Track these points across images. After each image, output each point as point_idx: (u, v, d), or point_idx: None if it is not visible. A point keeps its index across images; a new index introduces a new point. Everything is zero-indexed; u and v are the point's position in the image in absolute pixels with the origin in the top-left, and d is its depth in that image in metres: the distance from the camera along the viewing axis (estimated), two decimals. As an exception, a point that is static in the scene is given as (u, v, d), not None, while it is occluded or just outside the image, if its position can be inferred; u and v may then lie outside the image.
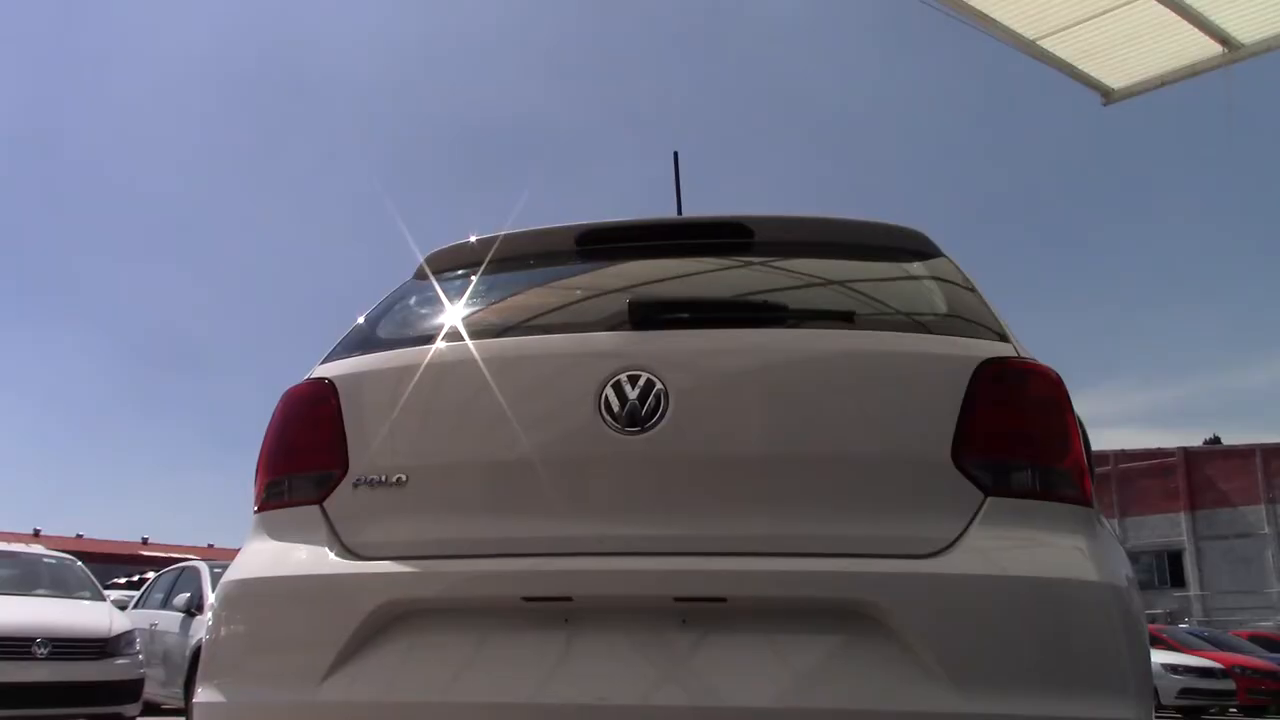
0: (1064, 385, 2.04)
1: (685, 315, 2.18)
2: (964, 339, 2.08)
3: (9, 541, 11.77)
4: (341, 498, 2.10)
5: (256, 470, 2.26)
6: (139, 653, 8.80)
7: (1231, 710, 18.07)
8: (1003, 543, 1.86)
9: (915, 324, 2.20)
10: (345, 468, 2.11)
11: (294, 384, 2.29)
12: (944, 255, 2.47)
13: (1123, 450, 45.23)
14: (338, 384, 2.20)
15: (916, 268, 2.41)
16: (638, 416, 1.96)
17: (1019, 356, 2.05)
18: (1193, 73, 9.12)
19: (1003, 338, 2.10)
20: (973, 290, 2.32)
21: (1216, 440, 46.26)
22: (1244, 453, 43.28)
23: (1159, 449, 45.40)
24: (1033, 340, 2.18)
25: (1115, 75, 9.34)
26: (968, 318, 2.18)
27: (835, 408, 1.99)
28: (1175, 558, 43.90)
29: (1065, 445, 1.98)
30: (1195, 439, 46.55)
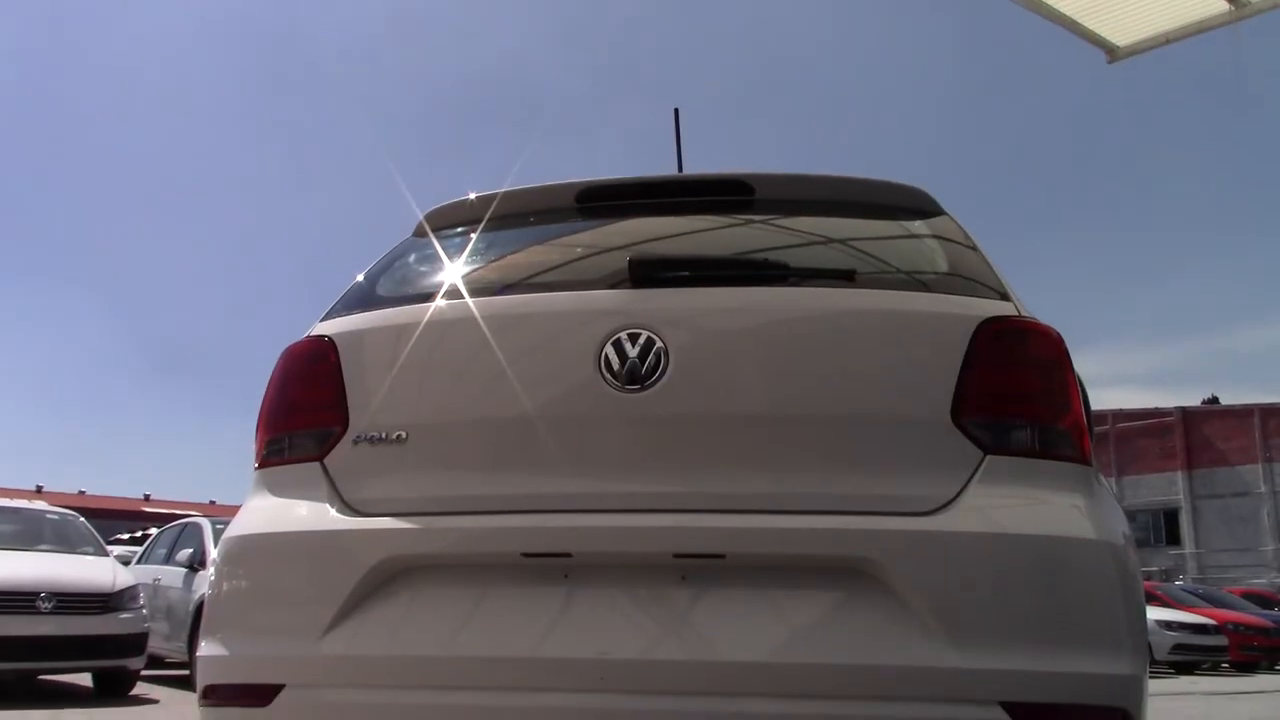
0: (1064, 344, 2.04)
1: (685, 273, 2.17)
2: (965, 298, 2.07)
3: (12, 498, 11.82)
4: (342, 455, 2.11)
5: (257, 427, 2.27)
6: (143, 607, 8.88)
7: (1223, 666, 18.28)
8: (1001, 501, 1.88)
9: (916, 283, 2.20)
10: (345, 425, 2.12)
11: (294, 341, 2.29)
12: (946, 214, 2.46)
13: (1121, 410, 45.36)
14: (337, 341, 2.20)
15: (918, 226, 2.40)
16: (638, 375, 1.96)
17: (1020, 316, 2.05)
18: (1199, 30, 9.00)
19: (1004, 297, 2.10)
20: (974, 249, 2.31)
21: (1215, 400, 46.38)
22: (1242, 412, 43.42)
23: (1157, 409, 45.54)
24: (1033, 300, 2.18)
25: (1120, 32, 9.22)
26: (969, 276, 2.17)
27: (835, 366, 1.99)
28: (1171, 516, 44.20)
29: (1065, 405, 1.99)
30: (1194, 399, 46.70)
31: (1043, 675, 1.74)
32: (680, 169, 2.99)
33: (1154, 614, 15.68)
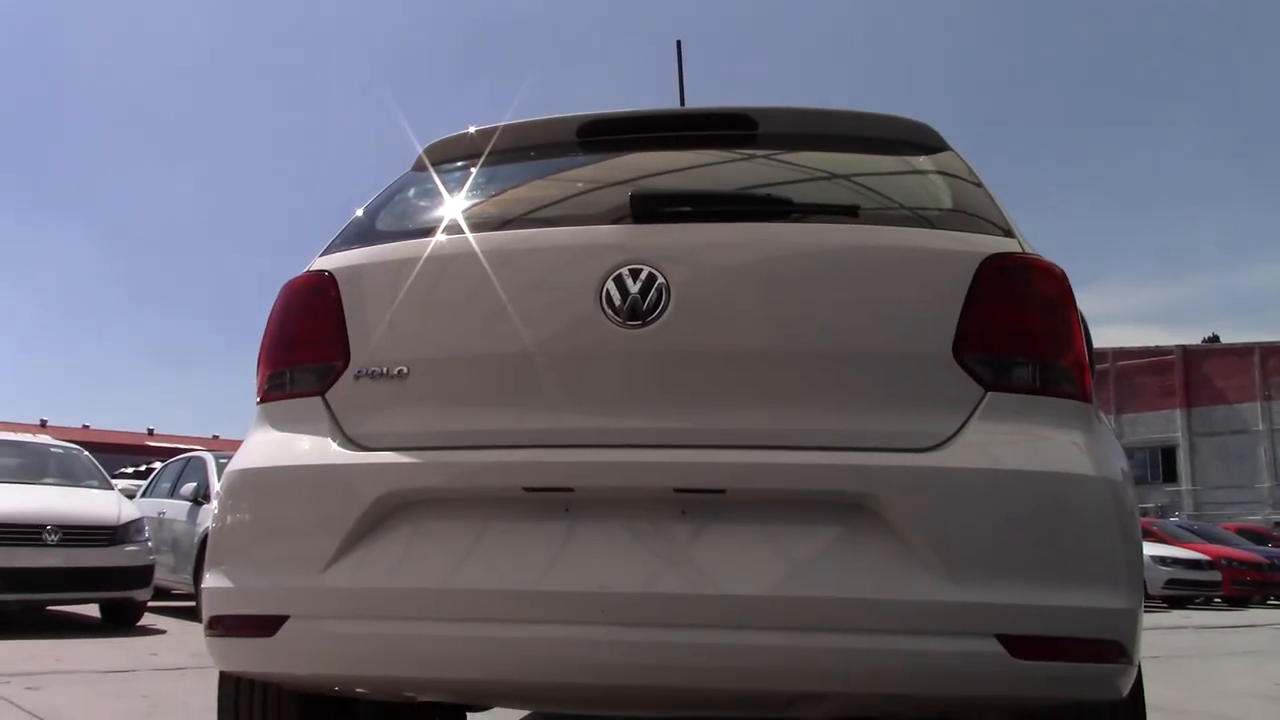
0: (1068, 281, 2.03)
1: (687, 208, 2.16)
2: (969, 234, 2.06)
3: (16, 432, 11.88)
4: (343, 389, 2.11)
5: (258, 362, 2.27)
6: (148, 540, 8.96)
7: (1216, 600, 18.52)
8: (1001, 437, 1.88)
9: (920, 219, 2.18)
10: (346, 359, 2.12)
11: (294, 276, 2.29)
12: (950, 149, 2.44)
13: (1121, 348, 45.41)
14: (337, 276, 2.19)
15: (922, 162, 2.38)
16: (639, 310, 1.96)
17: (1024, 252, 2.03)
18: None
19: (1008, 233, 2.09)
20: (979, 185, 2.29)
21: (1215, 339, 46.39)
22: (1242, 351, 43.47)
23: (1157, 347, 45.60)
24: (1035, 237, 2.17)
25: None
26: (973, 213, 2.16)
27: (837, 302, 1.99)
28: (1169, 453, 44.48)
29: (1067, 341, 1.98)
30: (1195, 337, 46.72)
31: (1039, 609, 1.76)
32: (682, 103, 2.96)
33: (1149, 549, 15.84)
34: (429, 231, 2.20)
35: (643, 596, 1.82)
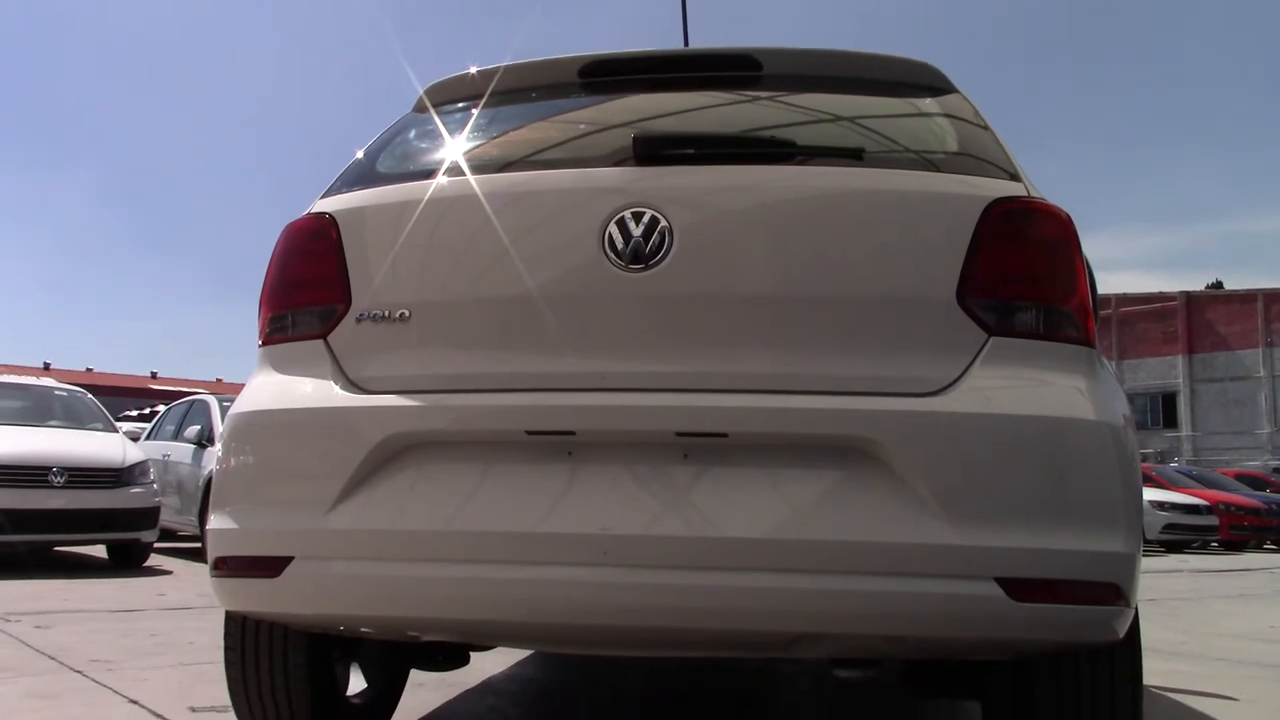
0: (1073, 225, 2.02)
1: (690, 151, 2.14)
2: (974, 178, 2.04)
3: (19, 374, 11.91)
4: (345, 332, 2.11)
5: (260, 305, 2.27)
6: (153, 482, 9.03)
7: (1213, 545, 18.68)
8: (1003, 382, 1.88)
9: (925, 162, 2.16)
10: (348, 302, 2.11)
11: (294, 218, 2.27)
12: (957, 91, 2.41)
13: (1124, 294, 45.30)
14: (338, 218, 2.18)
15: (928, 104, 2.36)
16: (641, 254, 1.95)
17: (1029, 196, 2.02)
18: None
19: (1014, 177, 2.07)
20: (985, 128, 2.27)
21: (1219, 285, 46.26)
22: (1245, 297, 43.37)
23: (1160, 293, 45.50)
24: (1038, 181, 2.15)
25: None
26: (979, 156, 2.14)
27: (841, 246, 1.97)
28: (1169, 399, 44.58)
29: (1071, 286, 1.97)
30: (1198, 283, 46.60)
31: (1038, 552, 1.77)
32: (686, 44, 2.92)
33: (1147, 494, 15.94)
34: (430, 173, 2.18)
35: (644, 539, 1.83)
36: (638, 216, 1.97)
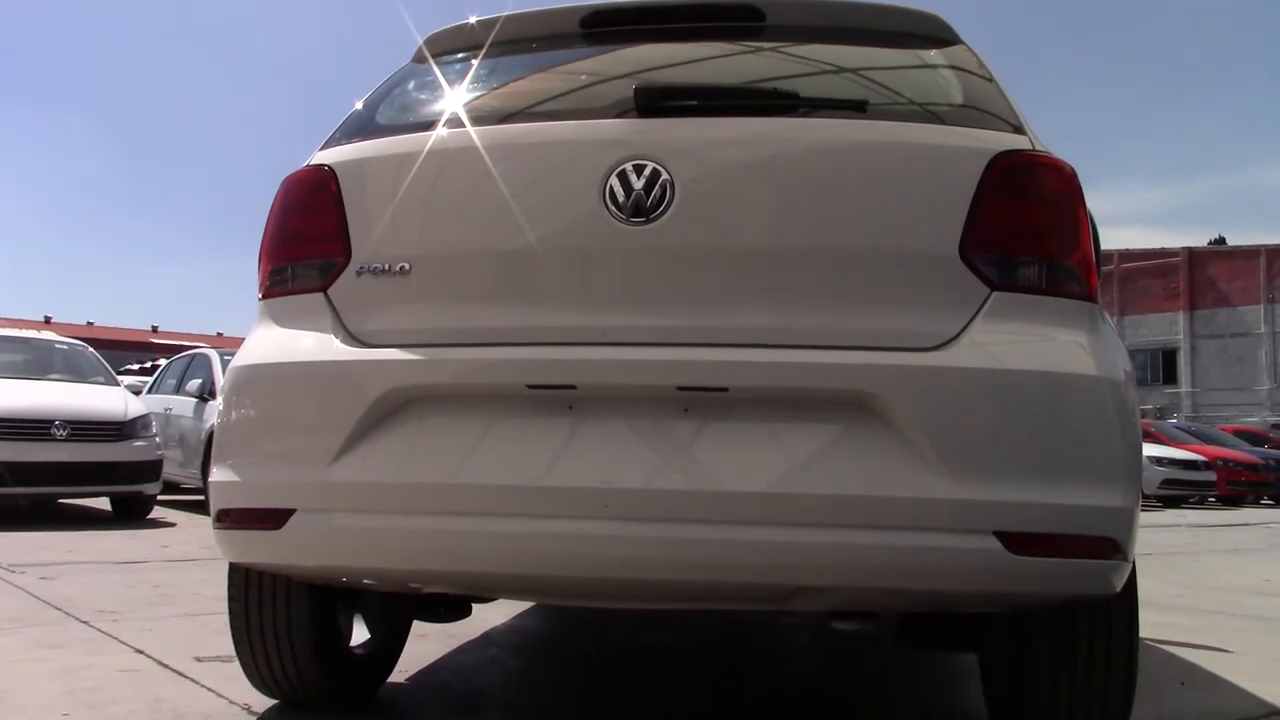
0: (1077, 179, 2.00)
1: (693, 102, 2.12)
2: (979, 130, 2.03)
3: (20, 328, 11.90)
4: (345, 285, 2.10)
5: (259, 258, 2.26)
6: (155, 435, 9.06)
7: (1211, 500, 18.78)
8: (1005, 337, 1.88)
9: (929, 114, 2.14)
10: (348, 255, 2.11)
11: (294, 170, 2.26)
12: (962, 43, 2.38)
13: (1127, 250, 45.16)
14: (337, 170, 2.16)
15: (933, 56, 2.33)
16: (643, 207, 1.94)
17: (1033, 149, 2.00)
18: None
19: (1018, 130, 2.05)
20: (990, 80, 2.24)
21: (1222, 241, 46.10)
22: (1248, 253, 43.24)
23: (1163, 249, 45.37)
24: (1041, 134, 2.13)
25: None
26: (983, 109, 2.12)
27: (844, 199, 1.96)
28: (1170, 356, 44.61)
29: (1075, 241, 1.96)
30: (1201, 239, 46.43)
31: (1037, 506, 1.78)
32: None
33: (1146, 450, 15.96)
34: (430, 125, 2.16)
35: (645, 492, 1.84)
36: (639, 169, 1.95)
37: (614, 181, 1.96)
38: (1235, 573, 6.91)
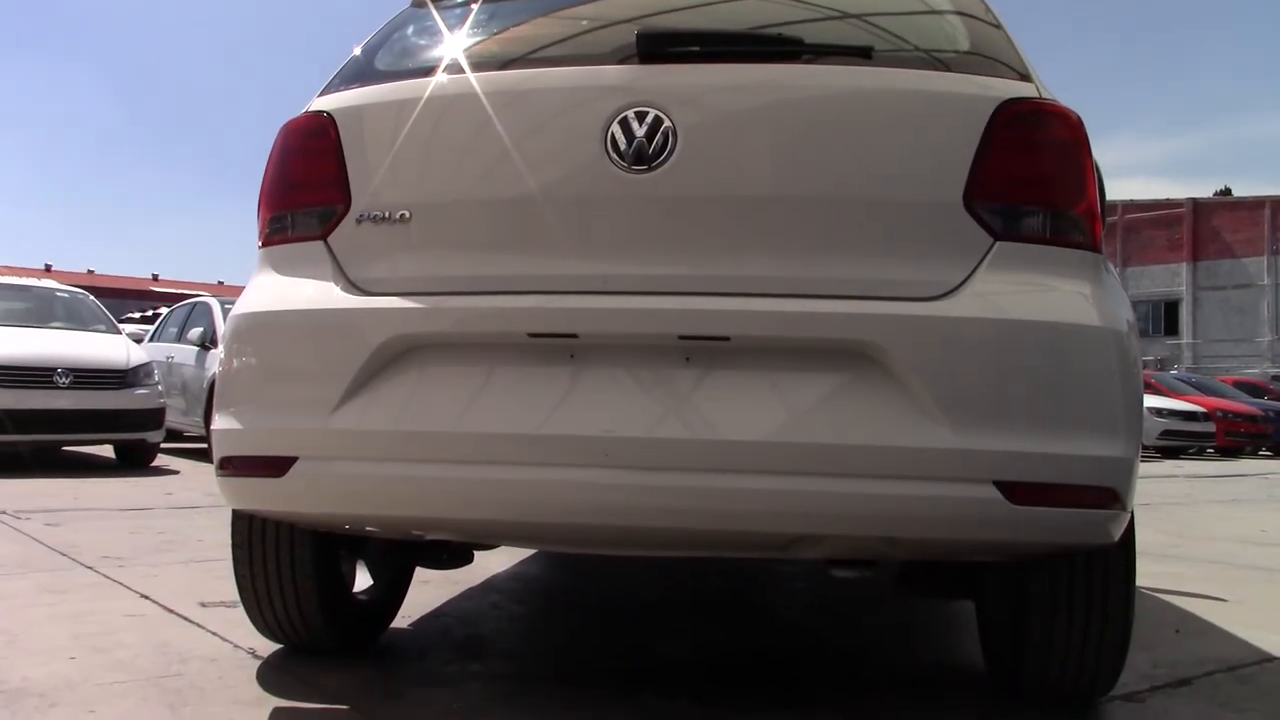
0: (1084, 128, 1.98)
1: (695, 48, 2.09)
2: (985, 78, 2.00)
3: (20, 276, 11.87)
4: (345, 233, 2.09)
5: (259, 205, 2.25)
6: (158, 383, 9.08)
7: (1209, 451, 18.86)
8: (1008, 287, 1.87)
9: (935, 61, 2.12)
10: (347, 203, 2.09)
11: (292, 116, 2.24)
12: None
13: (1131, 200, 44.89)
14: (336, 116, 2.14)
15: (940, 1, 2.30)
16: (645, 155, 1.92)
17: (1040, 97, 1.98)
18: None
19: (1024, 77, 2.03)
20: (997, 27, 2.21)
21: (1227, 192, 45.81)
22: (1253, 204, 43.00)
23: (1168, 200, 45.11)
24: (1051, 82, 2.10)
25: None
26: (990, 55, 2.09)
27: (847, 147, 1.95)
28: (1172, 307, 44.54)
29: (1080, 190, 1.95)
30: (1207, 190, 46.13)
31: (1037, 456, 1.79)
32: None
33: (1146, 401, 16.03)
34: (429, 71, 2.14)
35: (646, 441, 1.84)
36: (641, 116, 1.94)
37: (615, 129, 1.94)
38: (1232, 523, 6.95)
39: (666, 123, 1.93)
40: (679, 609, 3.64)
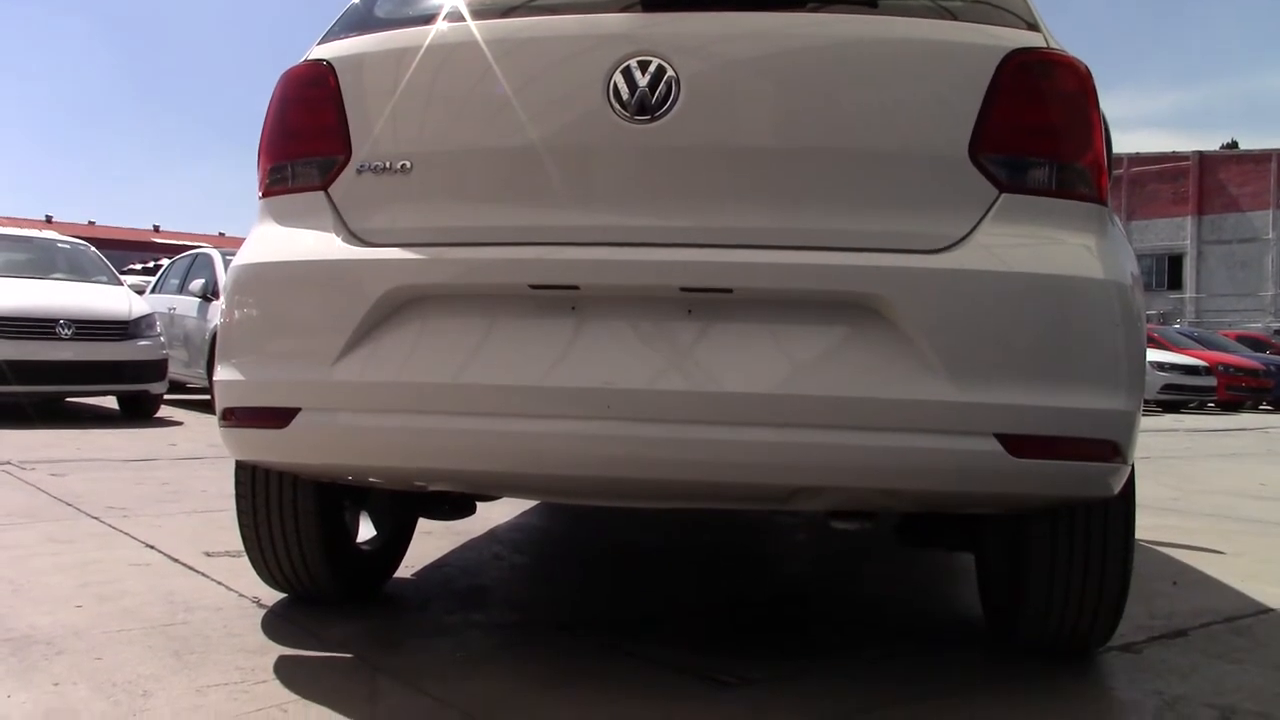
0: (1092, 79, 1.96)
1: None
2: (992, 27, 1.97)
3: (21, 227, 11.82)
4: (345, 184, 2.08)
5: (259, 155, 2.23)
6: (160, 335, 9.08)
7: (1210, 405, 18.89)
8: (1012, 239, 1.86)
9: (942, 10, 2.08)
10: (348, 153, 2.08)
11: (291, 65, 2.21)
12: None
13: (1137, 153, 44.55)
14: (336, 65, 2.12)
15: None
16: (647, 105, 1.90)
17: (1048, 47, 1.95)
18: None
19: (1032, 27, 2.00)
20: None
21: (1234, 145, 45.43)
22: (1259, 158, 42.66)
23: (1174, 152, 44.76)
24: (1058, 32, 2.07)
25: None
26: (997, 4, 2.06)
27: (852, 98, 1.92)
28: (1175, 261, 44.37)
29: (1087, 142, 1.93)
30: (1213, 143, 45.77)
31: (1039, 409, 1.79)
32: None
33: (1148, 355, 16.03)
34: (430, 19, 2.11)
35: (647, 393, 1.84)
36: (644, 65, 1.91)
37: (618, 78, 1.92)
38: (1231, 476, 6.98)
39: (670, 72, 1.90)
40: (680, 560, 3.67)
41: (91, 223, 51.84)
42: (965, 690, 2.16)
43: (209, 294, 9.79)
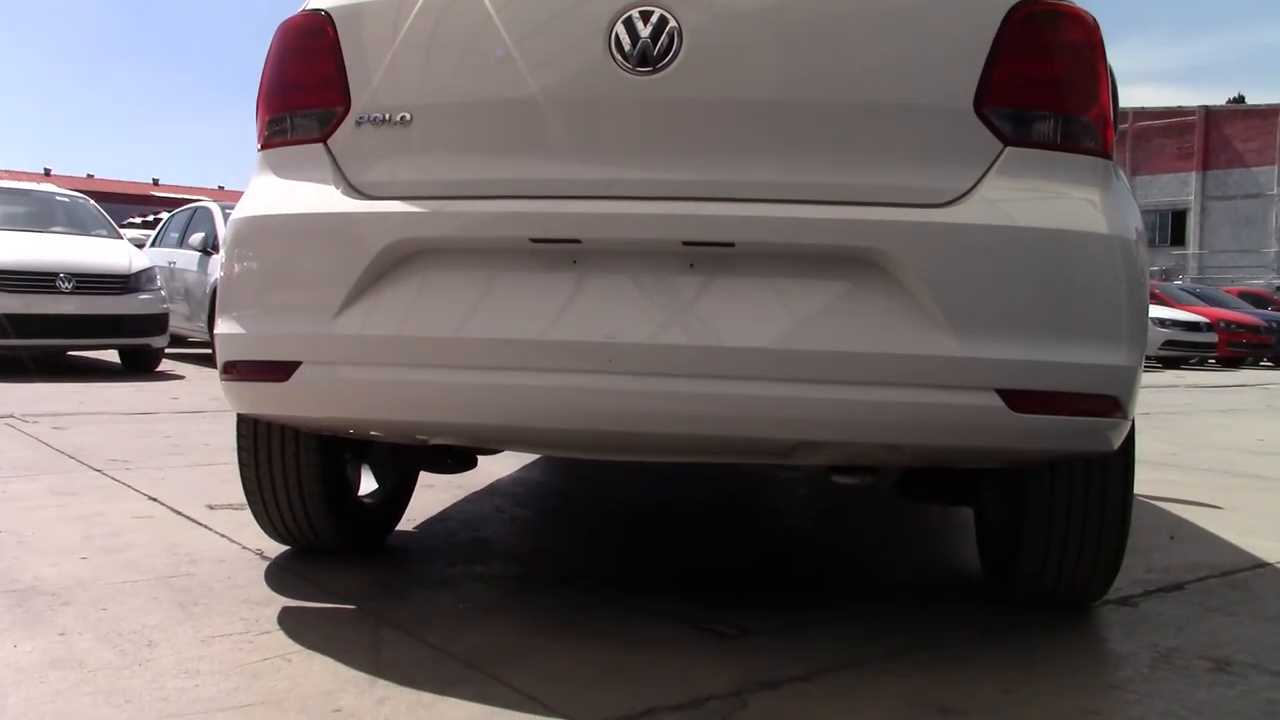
0: (1099, 30, 1.93)
1: None
2: None
3: (20, 180, 11.76)
4: (345, 136, 2.06)
5: (257, 107, 2.21)
6: (160, 288, 9.07)
7: (1210, 361, 18.90)
8: (1016, 194, 1.85)
9: (948, -41, 2.05)
10: (347, 104, 2.06)
11: (289, 16, 2.19)
12: None
13: (1142, 108, 44.13)
14: (334, 15, 2.09)
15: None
16: (649, 56, 1.88)
17: None
18: None
19: None
20: None
21: (1240, 99, 44.98)
22: (1266, 113, 42.25)
23: (1179, 107, 44.32)
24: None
25: None
26: None
27: (856, 50, 1.90)
28: (1179, 217, 44.13)
29: (1093, 94, 1.91)
30: (1219, 98, 45.33)
31: (1040, 364, 1.79)
32: None
33: (1150, 312, 16.01)
34: (428, -33, 2.07)
35: (649, 347, 1.84)
36: (646, 16, 1.89)
37: (620, 29, 1.89)
38: (1230, 432, 7.00)
39: (672, 23, 1.88)
40: (681, 514, 3.69)
41: (90, 176, 51.52)
42: (963, 642, 2.18)
43: (209, 248, 9.76)
